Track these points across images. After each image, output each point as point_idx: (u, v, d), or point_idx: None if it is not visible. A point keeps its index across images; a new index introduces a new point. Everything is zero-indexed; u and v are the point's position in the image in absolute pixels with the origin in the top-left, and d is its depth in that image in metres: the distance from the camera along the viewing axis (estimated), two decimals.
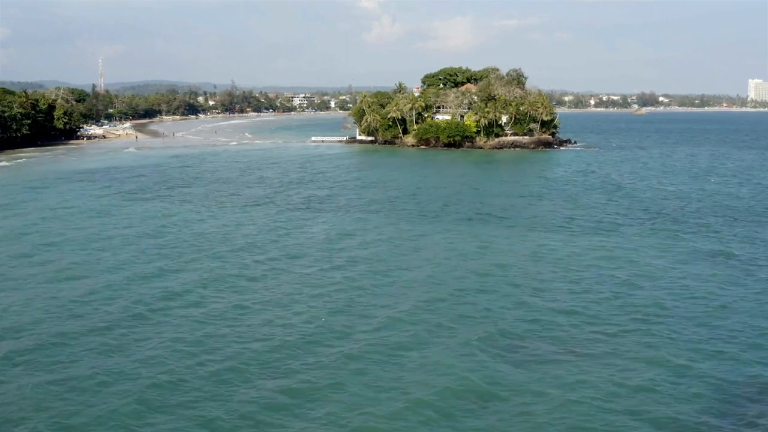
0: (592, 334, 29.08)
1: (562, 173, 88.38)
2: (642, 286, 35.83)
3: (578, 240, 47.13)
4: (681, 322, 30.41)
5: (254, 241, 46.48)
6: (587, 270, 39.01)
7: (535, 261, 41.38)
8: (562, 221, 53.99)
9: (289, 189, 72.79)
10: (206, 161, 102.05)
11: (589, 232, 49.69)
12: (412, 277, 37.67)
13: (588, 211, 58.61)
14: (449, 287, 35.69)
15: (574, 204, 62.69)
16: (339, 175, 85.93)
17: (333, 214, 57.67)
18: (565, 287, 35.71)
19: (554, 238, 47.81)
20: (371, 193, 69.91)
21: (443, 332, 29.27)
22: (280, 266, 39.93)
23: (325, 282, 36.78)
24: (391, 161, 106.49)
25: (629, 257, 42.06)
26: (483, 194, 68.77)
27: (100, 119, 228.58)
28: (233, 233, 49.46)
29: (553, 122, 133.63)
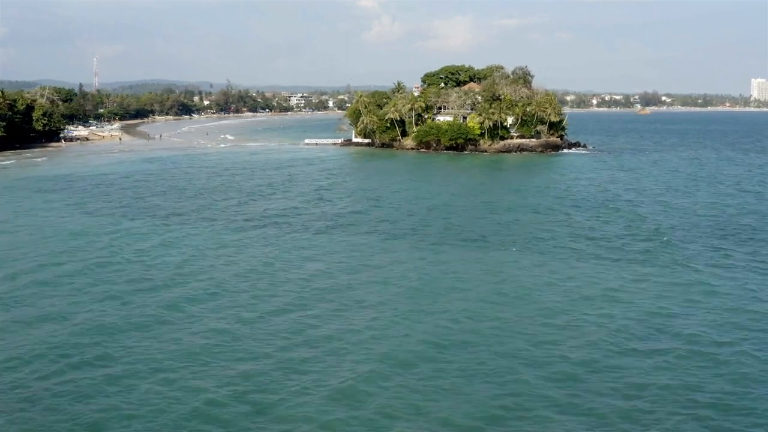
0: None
1: (575, 181, 79.90)
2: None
3: (608, 269, 38.73)
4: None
5: (175, 274, 38.08)
6: (621, 306, 30.65)
7: (566, 297, 33.01)
8: (585, 245, 45.52)
9: (261, 200, 64.43)
10: (181, 167, 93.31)
11: (623, 259, 41.29)
12: (407, 333, 29.29)
13: (618, 231, 50.14)
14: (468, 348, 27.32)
15: (597, 221, 54.21)
16: (324, 183, 77.20)
17: (308, 233, 49.28)
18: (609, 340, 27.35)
19: (579, 267, 39.41)
20: (359, 206, 61.40)
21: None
22: (192, 311, 31.56)
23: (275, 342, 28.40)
24: (387, 166, 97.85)
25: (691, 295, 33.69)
26: (490, 208, 60.14)
27: (89, 120, 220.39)
28: (158, 258, 41.35)
29: (562, 124, 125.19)
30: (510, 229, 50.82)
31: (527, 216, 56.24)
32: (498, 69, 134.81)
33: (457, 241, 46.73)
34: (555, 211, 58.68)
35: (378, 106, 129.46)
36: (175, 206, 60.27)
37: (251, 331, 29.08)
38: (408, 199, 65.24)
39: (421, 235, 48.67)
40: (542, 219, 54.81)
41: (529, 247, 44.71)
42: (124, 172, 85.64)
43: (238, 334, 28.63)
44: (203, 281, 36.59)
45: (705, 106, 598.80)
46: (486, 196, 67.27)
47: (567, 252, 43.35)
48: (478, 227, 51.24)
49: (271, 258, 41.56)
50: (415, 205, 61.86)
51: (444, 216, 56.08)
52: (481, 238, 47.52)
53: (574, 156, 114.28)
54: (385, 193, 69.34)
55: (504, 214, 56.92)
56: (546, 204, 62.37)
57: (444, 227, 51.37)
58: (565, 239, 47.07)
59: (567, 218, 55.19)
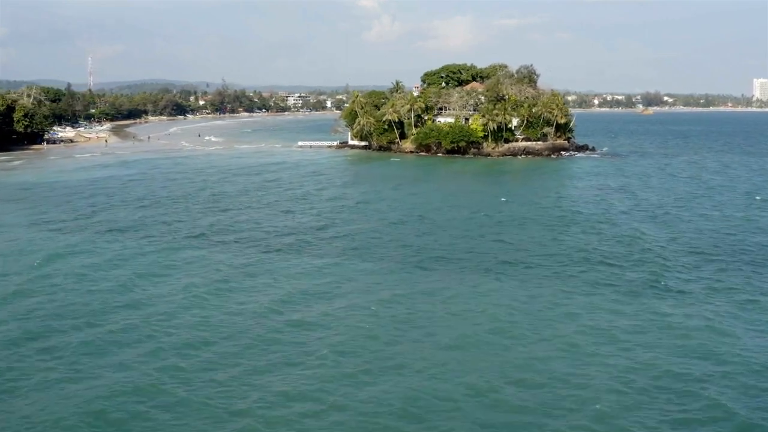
0: None
1: (584, 190, 73.31)
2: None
3: (632, 305, 32.22)
4: None
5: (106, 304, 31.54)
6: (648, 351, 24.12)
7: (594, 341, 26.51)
8: (610, 274, 38.94)
9: (229, 211, 57.53)
10: (159, 172, 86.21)
11: (650, 292, 34.76)
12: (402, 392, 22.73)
13: (645, 256, 43.59)
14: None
15: (610, 241, 47.58)
16: (308, 191, 70.00)
17: (273, 252, 42.52)
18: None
19: (607, 300, 32.90)
20: (340, 218, 54.61)
21: None
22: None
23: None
24: (383, 172, 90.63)
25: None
26: (498, 224, 53.22)
27: (78, 120, 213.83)
28: (86, 283, 34.96)
29: (569, 125, 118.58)
30: (513, 249, 44.13)
31: (532, 233, 49.27)
32: (502, 68, 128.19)
33: (451, 263, 40.14)
34: (565, 227, 51.73)
35: (375, 106, 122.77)
36: (129, 219, 53.35)
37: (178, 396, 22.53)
38: (400, 211, 58.31)
39: (407, 255, 42.09)
40: (549, 237, 47.68)
41: (530, 273, 38.18)
42: (93, 179, 78.60)
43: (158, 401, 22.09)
44: (134, 313, 30.32)
45: (707, 107, 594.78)
46: (489, 207, 60.43)
47: (575, 282, 36.76)
48: (476, 246, 44.61)
49: (221, 284, 35.09)
50: (408, 219, 54.60)
51: (438, 232, 49.14)
52: (478, 259, 40.92)
53: (583, 160, 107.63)
54: (374, 203, 62.44)
55: (507, 229, 50.13)
56: (554, 218, 55.46)
57: (436, 246, 44.60)
58: (580, 265, 40.48)
59: (578, 237, 48.48)
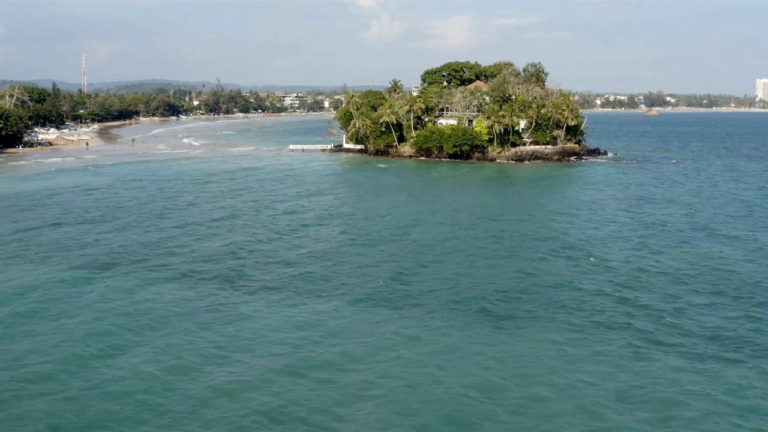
0: None
1: (602, 204, 65.20)
2: None
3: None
4: None
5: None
6: None
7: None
8: (643, 321, 30.83)
9: (187, 235, 49.46)
10: (127, 180, 77.78)
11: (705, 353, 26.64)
12: None
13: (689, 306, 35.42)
14: None
15: (641, 278, 39.43)
16: (290, 206, 61.14)
17: (231, 291, 34.49)
18: None
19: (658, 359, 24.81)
20: (321, 246, 45.49)
21: None
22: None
23: None
24: (379, 181, 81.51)
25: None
26: (499, 248, 44.79)
27: (64, 121, 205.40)
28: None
29: (580, 128, 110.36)
30: (522, 289, 35.84)
31: (543, 263, 40.97)
32: (507, 66, 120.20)
33: (450, 308, 32.14)
34: (583, 256, 43.42)
35: (372, 107, 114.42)
36: (64, 240, 45.50)
37: None
38: (391, 232, 49.65)
39: (397, 296, 33.98)
40: (562, 270, 39.48)
41: (549, 323, 30.06)
42: (52, 188, 69.65)
43: None
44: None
45: (710, 107, 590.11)
46: (494, 227, 51.70)
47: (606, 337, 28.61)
48: (481, 284, 36.35)
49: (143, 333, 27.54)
50: (398, 247, 45.42)
51: (435, 264, 40.53)
52: (482, 302, 32.85)
53: (596, 166, 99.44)
54: (360, 223, 53.48)
55: (515, 264, 41.53)
56: (570, 242, 47.13)
57: (433, 284, 36.22)
58: (602, 313, 32.32)
59: (601, 271, 40.34)
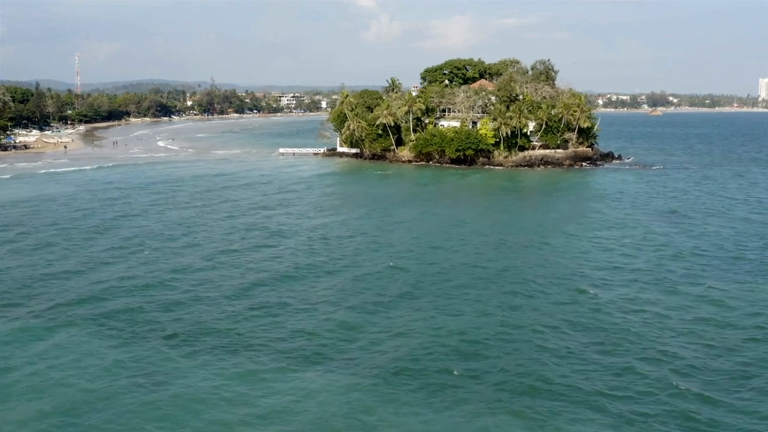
0: None
1: (635, 216, 56.95)
2: None
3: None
4: None
5: None
6: None
7: None
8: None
9: (123, 261, 41.17)
10: (93, 190, 69.62)
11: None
12: None
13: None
14: None
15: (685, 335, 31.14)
16: (265, 225, 52.85)
17: (168, 347, 26.52)
18: None
19: None
20: (291, 289, 37.34)
21: None
22: None
23: None
24: (370, 192, 72.29)
25: None
26: (523, 293, 36.38)
27: (49, 123, 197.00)
28: None
29: (593, 130, 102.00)
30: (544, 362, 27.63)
31: (570, 321, 32.48)
32: (514, 63, 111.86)
33: (453, 386, 24.14)
34: (623, 304, 35.27)
35: (368, 108, 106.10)
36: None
37: None
38: (373, 268, 40.52)
39: (383, 367, 25.85)
40: (599, 333, 31.25)
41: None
42: (14, 201, 62.03)
43: None
44: None
45: (712, 107, 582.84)
46: (502, 257, 43.20)
47: None
48: (491, 346, 28.16)
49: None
50: (385, 284, 37.08)
51: (420, 317, 31.79)
52: (498, 375, 24.88)
53: (612, 173, 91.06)
54: (338, 245, 45.20)
55: (532, 307, 33.44)
56: (602, 281, 38.70)
57: (430, 347, 27.88)
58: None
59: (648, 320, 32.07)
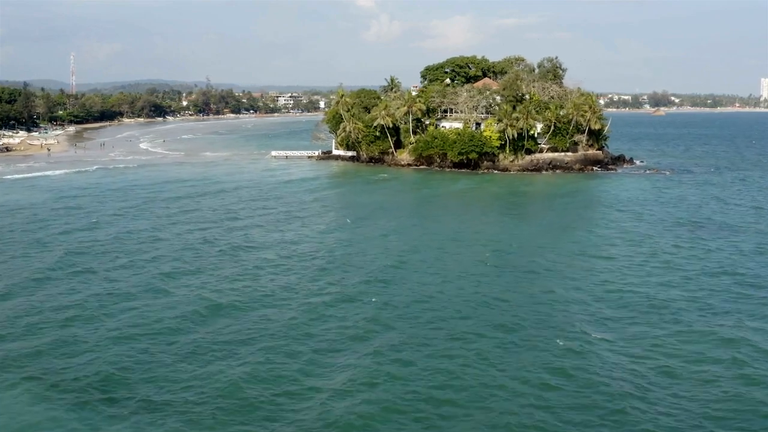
0: None
1: (654, 227, 51.14)
2: None
3: None
4: None
5: None
6: None
7: None
8: None
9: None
10: (64, 198, 63.89)
11: None
12: None
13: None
14: None
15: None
16: (238, 241, 47.44)
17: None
18: None
19: None
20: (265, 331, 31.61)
21: None
22: None
23: None
24: (364, 200, 66.21)
25: None
26: (529, 330, 30.90)
27: (38, 123, 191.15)
28: None
29: (603, 132, 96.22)
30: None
31: (581, 365, 27.15)
32: (519, 61, 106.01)
33: None
34: (649, 343, 29.59)
35: (365, 108, 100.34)
36: None
37: None
38: (357, 288, 35.49)
39: None
40: (622, 379, 25.76)
41: None
42: None
43: None
44: None
45: (714, 107, 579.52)
46: (503, 283, 37.52)
47: None
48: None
49: None
50: (359, 321, 31.57)
51: (402, 364, 26.46)
52: None
53: (625, 177, 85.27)
54: (313, 271, 39.04)
55: (541, 348, 27.93)
56: (624, 309, 33.31)
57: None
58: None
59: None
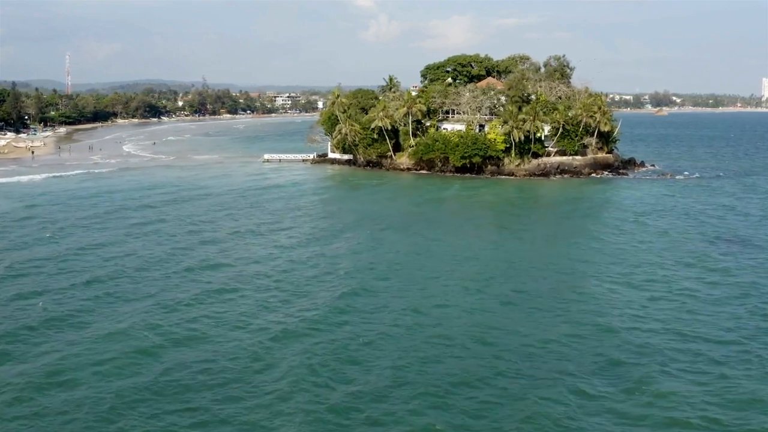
0: None
1: (678, 244, 46.05)
2: None
3: None
4: None
5: None
6: None
7: None
8: None
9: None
10: (37, 206, 59.06)
11: None
12: None
13: None
14: None
15: None
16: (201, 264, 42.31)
17: None
18: None
19: None
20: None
21: None
22: None
23: None
24: (358, 208, 61.36)
25: None
26: (534, 377, 25.92)
27: (28, 124, 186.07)
28: None
29: (613, 134, 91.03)
30: None
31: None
32: (524, 59, 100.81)
33: None
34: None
35: (362, 109, 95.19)
36: None
37: None
38: (333, 316, 30.86)
39: None
40: None
41: None
42: None
43: None
44: None
45: (715, 107, 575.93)
46: (504, 322, 32.68)
47: None
48: None
49: None
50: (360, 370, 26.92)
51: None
52: None
53: (638, 183, 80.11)
54: (284, 298, 34.00)
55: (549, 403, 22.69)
56: (650, 358, 28.18)
57: None
58: None
59: None
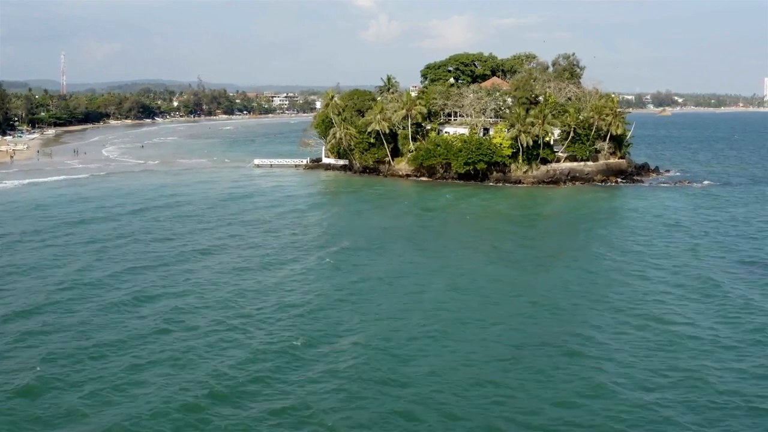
0: None
1: (707, 270, 40.38)
2: None
3: None
4: None
5: None
6: None
7: None
8: None
9: None
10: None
11: None
12: None
13: None
14: None
15: None
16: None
17: None
18: None
19: None
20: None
21: None
22: None
23: None
24: (346, 224, 55.97)
25: None
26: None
27: (15, 126, 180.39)
28: None
29: (626, 138, 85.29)
30: None
31: None
32: (530, 58, 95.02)
33: None
34: None
35: (359, 111, 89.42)
36: None
37: None
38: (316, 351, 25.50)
39: None
40: None
41: None
42: None
43: None
44: None
45: (717, 107, 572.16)
46: (507, 362, 27.30)
47: None
48: None
49: None
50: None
51: None
52: None
53: (654, 192, 74.29)
54: (250, 336, 29.43)
55: None
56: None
57: None
58: None
59: None
